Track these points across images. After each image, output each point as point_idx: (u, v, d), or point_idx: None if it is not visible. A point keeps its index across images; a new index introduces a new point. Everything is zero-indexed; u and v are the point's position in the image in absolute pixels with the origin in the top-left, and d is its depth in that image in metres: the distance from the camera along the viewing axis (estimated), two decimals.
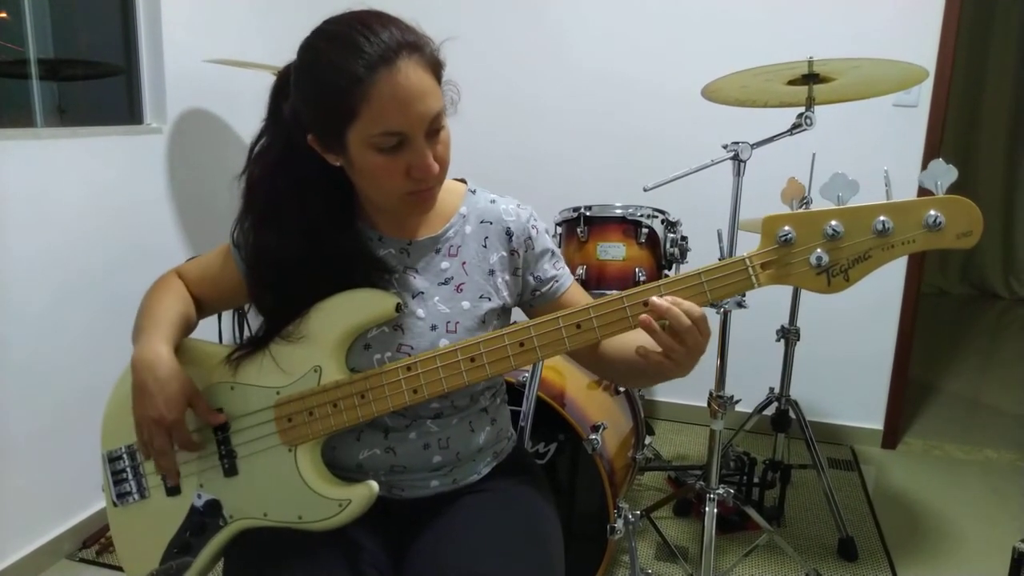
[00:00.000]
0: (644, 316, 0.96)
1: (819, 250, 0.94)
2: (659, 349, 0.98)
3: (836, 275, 0.95)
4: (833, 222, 0.93)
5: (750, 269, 0.96)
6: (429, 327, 1.09)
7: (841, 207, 0.93)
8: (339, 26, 0.97)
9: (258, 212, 1.08)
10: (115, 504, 1.14)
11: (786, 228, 0.94)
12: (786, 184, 1.30)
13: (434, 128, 1.00)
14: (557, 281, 1.19)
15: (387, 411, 1.05)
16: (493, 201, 1.17)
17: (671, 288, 0.98)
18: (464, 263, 1.13)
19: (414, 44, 0.97)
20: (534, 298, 1.19)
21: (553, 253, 1.20)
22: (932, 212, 0.90)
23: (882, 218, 0.92)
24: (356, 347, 1.08)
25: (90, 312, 2.19)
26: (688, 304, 0.96)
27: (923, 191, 0.94)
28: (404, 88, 0.94)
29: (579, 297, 1.21)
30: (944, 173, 0.91)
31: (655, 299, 0.96)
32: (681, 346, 0.96)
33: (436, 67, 1.00)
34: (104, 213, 2.23)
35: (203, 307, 1.21)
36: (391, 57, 0.94)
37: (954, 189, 0.92)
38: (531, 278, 1.17)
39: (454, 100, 1.06)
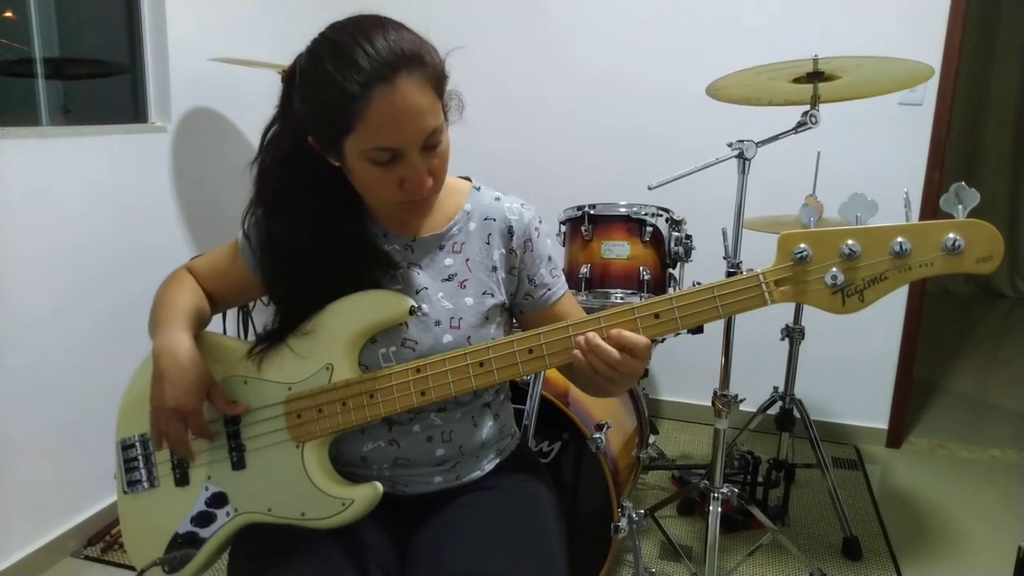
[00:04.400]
0: (579, 339, 0.98)
1: (835, 269, 0.92)
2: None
3: (851, 295, 0.93)
4: (850, 241, 0.91)
5: (763, 286, 0.95)
6: (433, 323, 1.10)
7: (859, 227, 0.92)
8: (341, 35, 0.96)
9: (268, 200, 1.09)
10: (125, 492, 1.16)
11: (802, 245, 0.93)
12: (804, 201, 1.29)
13: (430, 143, 0.99)
14: (550, 289, 1.19)
15: (395, 412, 1.06)
16: (497, 199, 1.18)
17: (683, 301, 0.97)
18: (467, 260, 1.14)
19: (415, 58, 0.95)
20: (524, 302, 1.19)
21: (551, 259, 1.20)
22: (951, 235, 0.89)
23: (900, 239, 0.90)
24: None
25: (95, 311, 2.19)
26: (624, 339, 0.96)
27: (943, 214, 0.92)
28: (400, 107, 0.93)
29: (570, 307, 1.21)
30: (966, 196, 0.89)
31: (587, 335, 0.98)
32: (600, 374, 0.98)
33: (437, 81, 0.99)
34: (109, 212, 2.23)
35: (215, 302, 1.22)
36: (388, 74, 0.92)
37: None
38: (526, 280, 1.18)
39: (460, 108, 1.05)
